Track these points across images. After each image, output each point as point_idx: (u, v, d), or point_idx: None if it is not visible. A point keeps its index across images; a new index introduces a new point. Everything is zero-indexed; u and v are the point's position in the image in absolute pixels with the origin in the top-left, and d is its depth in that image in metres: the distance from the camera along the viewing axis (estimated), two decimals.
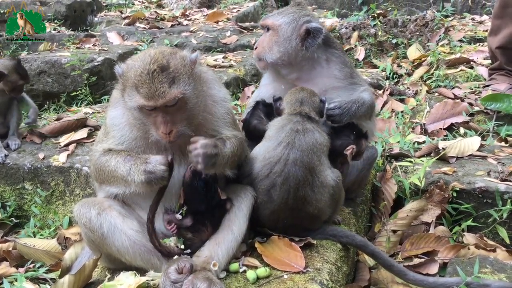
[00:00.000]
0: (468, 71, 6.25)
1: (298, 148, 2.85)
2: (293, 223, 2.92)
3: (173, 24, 9.33)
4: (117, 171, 2.58)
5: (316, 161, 2.87)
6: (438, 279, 2.94)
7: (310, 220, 2.94)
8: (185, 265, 2.47)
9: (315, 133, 2.95)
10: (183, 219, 2.74)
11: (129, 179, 2.52)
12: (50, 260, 3.54)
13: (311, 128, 2.96)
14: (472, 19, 9.24)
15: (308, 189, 2.84)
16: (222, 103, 2.88)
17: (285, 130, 2.95)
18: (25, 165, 4.23)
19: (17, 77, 4.45)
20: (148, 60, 2.46)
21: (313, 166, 2.85)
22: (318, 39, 3.35)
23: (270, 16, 3.51)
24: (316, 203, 2.87)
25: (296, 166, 2.83)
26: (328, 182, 2.90)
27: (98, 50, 7.13)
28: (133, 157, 2.58)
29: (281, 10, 3.52)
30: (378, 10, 9.24)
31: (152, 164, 2.47)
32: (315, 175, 2.85)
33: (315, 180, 2.85)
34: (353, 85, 3.52)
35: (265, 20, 3.51)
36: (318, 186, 2.86)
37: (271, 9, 12.01)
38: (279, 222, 2.94)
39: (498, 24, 5.37)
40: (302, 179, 2.82)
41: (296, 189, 2.83)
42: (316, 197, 2.87)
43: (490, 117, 5.01)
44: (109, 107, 2.87)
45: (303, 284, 2.57)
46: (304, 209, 2.87)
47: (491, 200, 3.64)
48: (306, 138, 2.89)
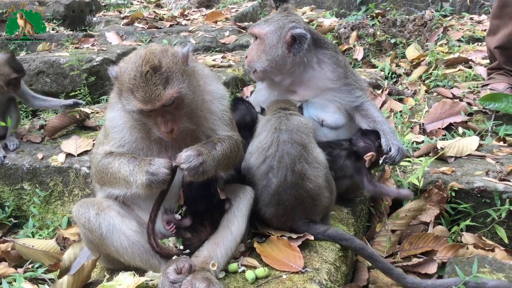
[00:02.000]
0: (466, 70, 6.26)
1: (286, 130, 2.99)
2: (295, 204, 2.93)
3: (172, 24, 9.33)
4: (120, 171, 2.58)
5: (306, 139, 2.99)
6: (435, 282, 2.96)
7: (310, 203, 2.96)
8: (184, 265, 2.47)
9: (299, 117, 3.15)
10: (182, 219, 2.74)
11: (131, 179, 2.52)
12: (49, 260, 3.54)
13: (294, 114, 3.15)
14: (470, 19, 9.24)
15: (304, 163, 2.92)
16: (221, 100, 2.88)
17: (271, 121, 3.10)
18: (24, 165, 4.22)
19: (9, 70, 4.40)
20: (139, 61, 2.44)
21: (304, 142, 2.97)
22: (304, 44, 3.37)
23: (257, 25, 3.53)
24: (315, 179, 2.94)
25: (288, 143, 2.94)
26: (320, 159, 3.01)
27: (97, 50, 7.12)
28: (137, 159, 2.58)
29: (267, 18, 3.55)
30: (377, 10, 9.26)
31: (155, 166, 2.47)
32: (308, 151, 2.96)
33: (309, 155, 2.95)
34: (348, 86, 3.53)
35: (252, 29, 3.53)
36: (313, 162, 2.95)
37: (269, 9, 12.01)
38: (280, 205, 2.94)
39: (497, 24, 5.38)
40: (297, 154, 2.92)
41: (292, 165, 2.89)
42: (314, 173, 2.94)
43: (488, 116, 5.02)
44: (108, 109, 2.86)
45: (302, 284, 2.58)
46: (304, 185, 2.90)
47: (489, 199, 3.65)
48: (291, 121, 3.06)
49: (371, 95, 6.06)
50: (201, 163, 2.50)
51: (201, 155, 2.52)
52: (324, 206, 3.06)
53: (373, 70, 7.31)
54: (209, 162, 2.55)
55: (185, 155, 2.50)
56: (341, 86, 3.53)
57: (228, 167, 2.85)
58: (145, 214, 2.65)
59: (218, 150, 2.66)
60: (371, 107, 3.58)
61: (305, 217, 3.00)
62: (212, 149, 2.63)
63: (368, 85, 6.30)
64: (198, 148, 2.56)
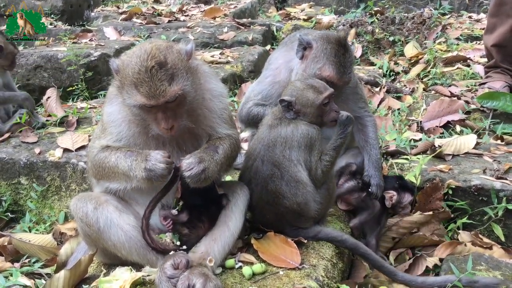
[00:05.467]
0: (464, 69, 6.27)
1: (263, 143, 2.90)
2: (277, 218, 2.91)
3: (170, 19, 9.29)
4: (118, 166, 2.57)
5: (280, 156, 2.84)
6: (427, 279, 2.98)
7: (294, 216, 2.92)
8: (181, 260, 2.47)
9: (283, 128, 2.91)
10: (179, 214, 2.73)
11: (131, 174, 2.51)
12: (46, 255, 3.53)
13: (278, 123, 2.94)
14: (469, 17, 9.26)
15: (278, 182, 2.83)
16: (220, 98, 2.86)
17: (264, 125, 3.01)
18: (21, 160, 4.21)
19: (12, 47, 4.56)
20: (145, 56, 2.43)
21: (277, 160, 2.84)
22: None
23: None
24: (293, 197, 2.85)
25: (260, 160, 2.88)
26: (299, 178, 2.85)
27: (95, 45, 7.10)
28: (133, 152, 2.57)
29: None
30: (376, 8, 9.26)
31: (152, 162, 2.45)
32: (283, 170, 2.83)
33: (284, 174, 2.83)
34: (356, 95, 3.67)
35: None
36: (290, 181, 2.84)
37: (268, 6, 11.98)
38: (264, 216, 2.95)
39: (494, 22, 5.39)
40: (268, 174, 2.84)
41: (265, 183, 2.85)
42: (291, 192, 2.84)
43: (486, 115, 5.02)
44: (106, 103, 2.84)
45: (299, 280, 2.58)
46: (281, 203, 2.86)
47: (486, 198, 3.65)
48: (271, 133, 2.91)
49: (369, 93, 6.07)
50: (203, 170, 2.49)
51: (203, 161, 2.51)
52: (315, 216, 3.00)
53: (372, 68, 7.31)
54: (211, 168, 2.54)
55: (186, 162, 2.50)
56: (350, 94, 3.59)
57: (229, 166, 2.87)
58: (142, 209, 2.64)
59: (220, 153, 2.65)
60: (369, 125, 3.65)
61: (293, 225, 2.96)
62: (215, 154, 2.62)
63: (366, 83, 6.32)
64: (200, 154, 2.55)
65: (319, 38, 3.33)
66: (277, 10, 11.59)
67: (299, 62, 3.40)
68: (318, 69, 3.25)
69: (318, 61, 3.27)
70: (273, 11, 11.53)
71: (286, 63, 3.56)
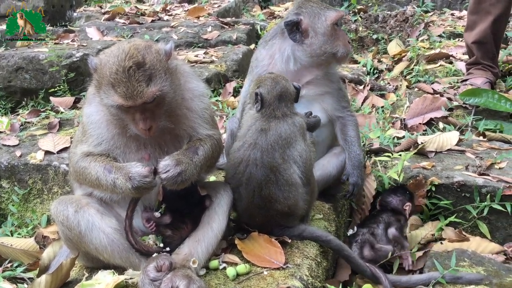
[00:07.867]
0: (447, 66, 6.32)
1: (259, 148, 2.81)
2: (266, 220, 2.90)
3: (154, 19, 9.22)
4: (101, 182, 2.53)
5: (279, 159, 2.80)
6: (411, 277, 3.02)
7: (283, 217, 2.92)
8: (164, 262, 2.45)
9: (281, 127, 2.85)
10: (162, 216, 2.72)
11: (118, 190, 2.48)
12: (28, 259, 3.48)
13: (269, 126, 2.86)
14: (451, 15, 9.33)
15: (272, 188, 2.80)
16: (201, 97, 2.83)
17: (251, 130, 2.90)
18: (2, 163, 4.15)
19: None
20: (123, 56, 2.39)
21: (275, 165, 2.79)
22: None
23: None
24: (285, 201, 2.84)
25: (256, 166, 2.80)
26: (293, 180, 2.85)
27: (77, 45, 7.02)
28: (112, 167, 2.52)
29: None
30: (359, 6, 9.29)
31: (137, 180, 2.41)
32: (278, 174, 2.80)
33: (279, 178, 2.81)
34: (340, 91, 3.66)
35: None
36: (284, 185, 2.82)
37: (252, 4, 11.97)
38: (251, 219, 2.94)
39: (474, 19, 5.45)
40: (264, 179, 2.79)
41: (259, 189, 2.81)
42: (284, 195, 2.83)
43: (468, 111, 5.07)
44: (85, 104, 2.81)
45: (283, 280, 2.58)
46: (273, 207, 2.84)
47: (469, 194, 3.68)
48: (268, 137, 2.82)
49: (353, 91, 6.09)
50: (179, 172, 2.46)
51: (180, 164, 2.48)
52: (302, 213, 3.02)
53: (355, 66, 7.33)
54: (189, 171, 2.51)
55: (163, 164, 2.47)
56: (334, 91, 3.59)
57: (210, 167, 2.86)
58: (124, 211, 2.61)
59: (200, 155, 2.62)
60: (350, 124, 3.62)
61: (280, 225, 2.96)
62: (194, 155, 2.59)
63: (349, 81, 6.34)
64: (177, 157, 2.52)
65: (304, 12, 3.35)
66: (261, 9, 11.59)
67: (296, 45, 3.37)
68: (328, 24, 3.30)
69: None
70: (257, 10, 11.53)
71: (279, 53, 3.49)
